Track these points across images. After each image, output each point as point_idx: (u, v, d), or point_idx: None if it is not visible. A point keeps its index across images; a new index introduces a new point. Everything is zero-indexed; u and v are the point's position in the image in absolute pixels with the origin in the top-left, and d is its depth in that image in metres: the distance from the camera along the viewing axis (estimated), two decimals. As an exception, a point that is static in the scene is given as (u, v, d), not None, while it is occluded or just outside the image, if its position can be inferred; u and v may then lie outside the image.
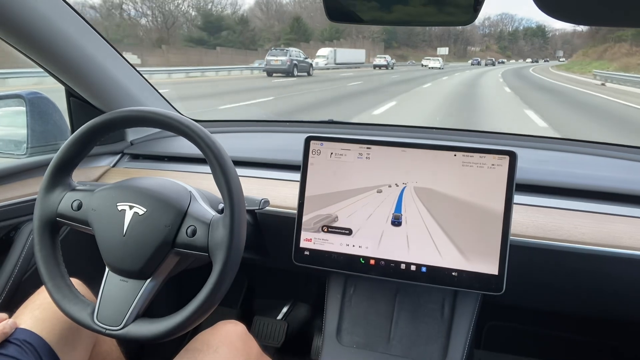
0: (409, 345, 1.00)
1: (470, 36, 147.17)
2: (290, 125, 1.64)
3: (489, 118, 9.02)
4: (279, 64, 19.85)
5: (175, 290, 1.47)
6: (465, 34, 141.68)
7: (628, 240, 0.91)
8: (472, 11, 0.52)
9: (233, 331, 0.92)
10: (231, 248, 0.75)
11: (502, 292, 0.89)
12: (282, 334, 1.61)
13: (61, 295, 0.81)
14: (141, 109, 0.81)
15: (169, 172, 1.27)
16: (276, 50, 21.98)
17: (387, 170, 0.95)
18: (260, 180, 1.18)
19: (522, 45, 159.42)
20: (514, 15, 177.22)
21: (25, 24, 0.99)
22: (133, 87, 1.32)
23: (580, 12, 0.39)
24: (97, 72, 1.20)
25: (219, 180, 0.77)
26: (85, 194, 0.84)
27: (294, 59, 20.62)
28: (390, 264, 0.95)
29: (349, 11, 0.56)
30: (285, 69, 19.74)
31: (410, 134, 1.44)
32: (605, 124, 8.62)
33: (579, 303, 1.09)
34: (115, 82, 1.26)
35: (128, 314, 0.77)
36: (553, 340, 1.49)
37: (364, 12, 0.56)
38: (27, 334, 0.85)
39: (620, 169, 1.17)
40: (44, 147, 1.25)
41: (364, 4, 0.55)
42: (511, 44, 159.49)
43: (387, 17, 0.56)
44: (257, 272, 1.76)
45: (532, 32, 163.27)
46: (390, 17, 0.56)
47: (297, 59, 21.06)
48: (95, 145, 0.87)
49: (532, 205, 1.00)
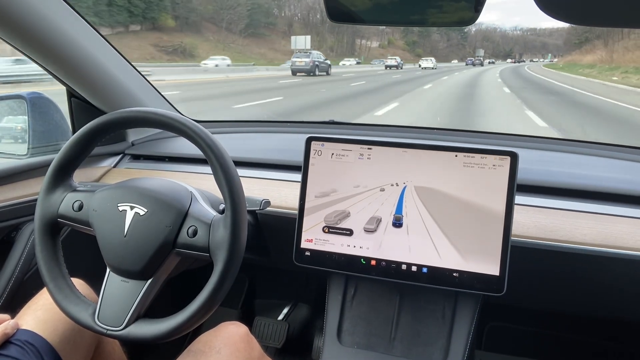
0: (410, 346, 1.00)
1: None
2: (291, 125, 1.64)
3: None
4: (303, 65, 22.00)
5: (176, 291, 1.47)
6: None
7: (629, 240, 0.91)
8: (473, 11, 0.52)
9: (235, 332, 0.92)
10: (232, 248, 0.75)
11: (503, 293, 0.88)
12: (283, 335, 1.60)
13: (62, 296, 0.81)
14: (142, 110, 0.82)
15: (170, 173, 1.27)
16: (300, 53, 24.72)
17: (388, 171, 0.95)
18: (261, 180, 1.18)
19: (436, 40, 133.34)
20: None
21: (26, 24, 0.99)
22: (134, 87, 1.33)
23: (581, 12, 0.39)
24: (98, 73, 1.21)
25: (219, 180, 0.77)
26: (86, 195, 0.84)
27: (315, 60, 22.73)
28: (391, 264, 0.94)
29: (349, 11, 0.56)
30: (308, 69, 21.85)
31: (411, 135, 1.44)
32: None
33: (580, 304, 1.09)
34: (116, 83, 1.26)
35: (129, 315, 0.77)
36: (554, 341, 1.48)
37: (365, 13, 0.56)
38: (29, 335, 0.85)
39: (621, 169, 1.17)
40: (46, 147, 1.25)
41: (365, 5, 0.55)
42: (422, 38, 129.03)
43: (387, 18, 0.56)
44: (258, 273, 1.76)
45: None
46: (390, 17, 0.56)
47: (318, 60, 23.27)
48: (97, 145, 0.87)
49: (533, 205, 1.00)
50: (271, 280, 1.79)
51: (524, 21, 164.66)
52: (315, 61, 22.62)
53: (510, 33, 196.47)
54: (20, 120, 1.27)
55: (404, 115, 9.41)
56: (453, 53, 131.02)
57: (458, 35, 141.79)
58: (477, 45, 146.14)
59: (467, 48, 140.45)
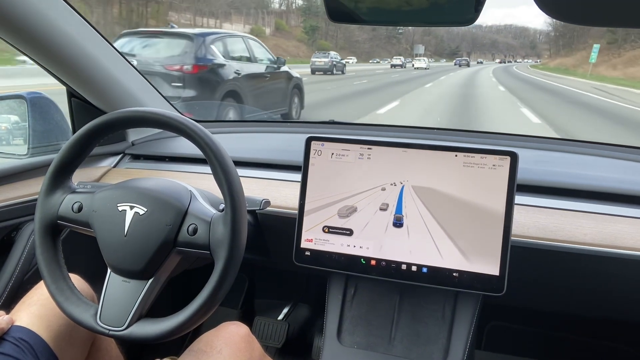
0: (410, 346, 1.00)
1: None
2: (291, 125, 1.64)
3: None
4: (322, 64, 23.36)
5: (177, 290, 1.47)
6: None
7: (630, 240, 0.91)
8: (472, 11, 0.52)
9: (236, 332, 0.92)
10: (233, 245, 0.75)
11: (503, 293, 0.89)
12: (283, 335, 1.60)
13: (64, 298, 0.81)
14: (141, 110, 0.82)
15: (170, 173, 1.27)
16: (319, 53, 27.06)
17: (388, 171, 0.95)
18: (261, 180, 1.18)
19: (353, 28, 76.54)
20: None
21: (27, 24, 0.99)
22: (134, 87, 1.33)
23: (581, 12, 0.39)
24: (98, 73, 1.21)
25: (219, 179, 0.77)
26: (85, 196, 0.84)
27: (333, 60, 24.18)
28: (391, 264, 0.95)
29: (349, 11, 0.56)
30: (327, 68, 23.26)
31: (410, 135, 1.44)
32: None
33: (580, 304, 1.09)
34: (116, 83, 1.26)
35: (131, 315, 0.77)
36: (554, 340, 1.49)
37: (365, 13, 0.56)
38: (23, 332, 0.84)
39: (621, 169, 1.17)
40: (46, 147, 1.25)
41: (365, 5, 0.55)
42: (329, 24, 73.93)
43: (387, 17, 0.56)
44: (258, 273, 1.76)
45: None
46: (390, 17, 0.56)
47: (335, 60, 24.75)
48: (97, 145, 0.87)
49: (534, 205, 1.00)
50: (271, 280, 1.79)
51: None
52: (333, 61, 24.11)
53: (457, 27, 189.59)
54: (5, 120, 1.27)
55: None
56: (380, 49, 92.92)
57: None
58: (415, 40, 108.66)
59: (402, 43, 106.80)
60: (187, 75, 5.08)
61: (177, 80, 5.00)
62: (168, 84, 4.98)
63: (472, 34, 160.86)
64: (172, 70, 5.05)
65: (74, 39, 1.10)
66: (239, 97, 5.59)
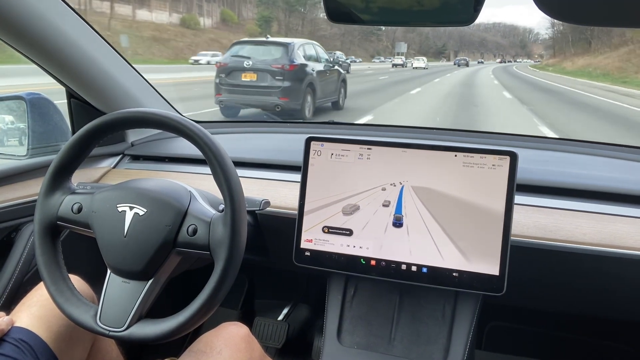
0: (410, 346, 1.00)
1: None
2: (291, 126, 1.64)
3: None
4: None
5: (177, 291, 1.47)
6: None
7: (629, 240, 0.91)
8: (472, 11, 0.52)
9: (236, 333, 0.92)
10: (233, 246, 0.75)
11: (503, 293, 0.89)
12: (283, 335, 1.60)
13: (64, 299, 0.81)
14: (141, 110, 0.82)
15: (170, 173, 1.27)
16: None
17: (388, 171, 0.95)
18: (260, 181, 1.18)
19: (321, 19, 76.65)
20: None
21: (26, 25, 0.99)
22: (133, 88, 1.33)
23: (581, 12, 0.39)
24: (98, 73, 1.21)
25: (219, 179, 0.77)
26: (85, 197, 0.84)
27: (338, 59, 24.92)
28: (391, 264, 0.94)
29: (349, 11, 0.56)
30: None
31: (410, 135, 1.44)
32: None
33: (580, 303, 1.09)
34: (115, 83, 1.26)
35: (131, 315, 0.77)
36: (554, 340, 1.49)
37: (365, 13, 0.56)
38: (23, 333, 0.84)
39: (621, 169, 1.17)
40: (45, 148, 1.25)
41: (364, 5, 0.55)
42: (291, 14, 78.75)
43: (387, 18, 0.56)
44: (258, 273, 1.76)
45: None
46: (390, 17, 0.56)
47: (341, 60, 25.35)
48: (96, 146, 0.87)
49: (533, 205, 1.00)
50: (271, 281, 1.79)
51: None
52: (339, 60, 25.00)
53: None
54: (4, 121, 1.27)
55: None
56: (356, 46, 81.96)
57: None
58: (397, 38, 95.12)
59: (383, 40, 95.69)
60: (286, 71, 7.56)
61: (279, 74, 7.53)
62: (273, 77, 7.50)
63: (460, 31, 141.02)
64: (276, 67, 7.56)
65: (74, 40, 1.10)
66: (314, 87, 8.13)
